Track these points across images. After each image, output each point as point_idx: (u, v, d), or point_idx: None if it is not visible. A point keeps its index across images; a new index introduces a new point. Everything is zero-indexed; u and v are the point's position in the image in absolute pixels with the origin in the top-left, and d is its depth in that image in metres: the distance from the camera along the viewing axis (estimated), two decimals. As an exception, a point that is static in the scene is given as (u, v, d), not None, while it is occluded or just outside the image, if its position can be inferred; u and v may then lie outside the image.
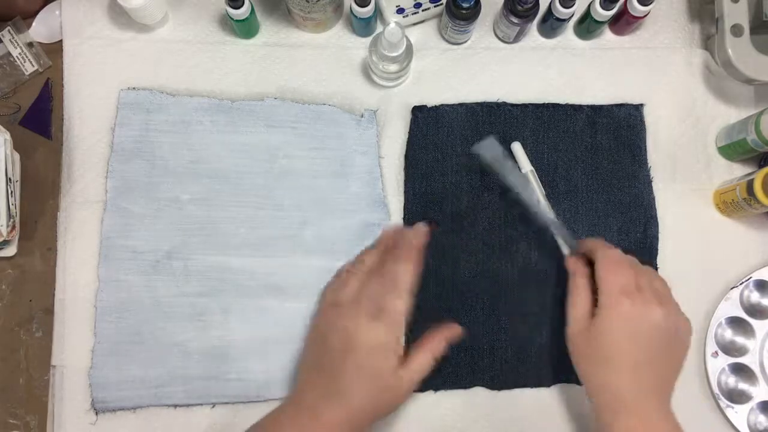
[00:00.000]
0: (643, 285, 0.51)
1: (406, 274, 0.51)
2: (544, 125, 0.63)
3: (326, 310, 0.52)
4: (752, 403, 0.59)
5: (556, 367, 0.59)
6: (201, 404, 0.57)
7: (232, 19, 0.59)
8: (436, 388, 0.58)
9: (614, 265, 0.52)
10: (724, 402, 0.59)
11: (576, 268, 0.55)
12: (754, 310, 0.60)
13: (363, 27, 0.63)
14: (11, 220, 0.57)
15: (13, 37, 0.63)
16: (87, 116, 0.61)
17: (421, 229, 0.54)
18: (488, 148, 0.57)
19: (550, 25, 0.63)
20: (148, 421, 0.57)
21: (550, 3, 0.61)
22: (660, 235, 0.62)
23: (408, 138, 0.62)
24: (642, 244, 0.61)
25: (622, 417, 0.49)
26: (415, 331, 0.55)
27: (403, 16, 0.62)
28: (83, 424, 0.56)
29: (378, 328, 0.49)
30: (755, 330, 0.60)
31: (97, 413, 0.56)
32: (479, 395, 0.59)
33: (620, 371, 0.50)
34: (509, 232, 0.61)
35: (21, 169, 0.61)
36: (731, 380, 0.59)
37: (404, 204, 0.61)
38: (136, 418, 0.57)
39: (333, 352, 0.49)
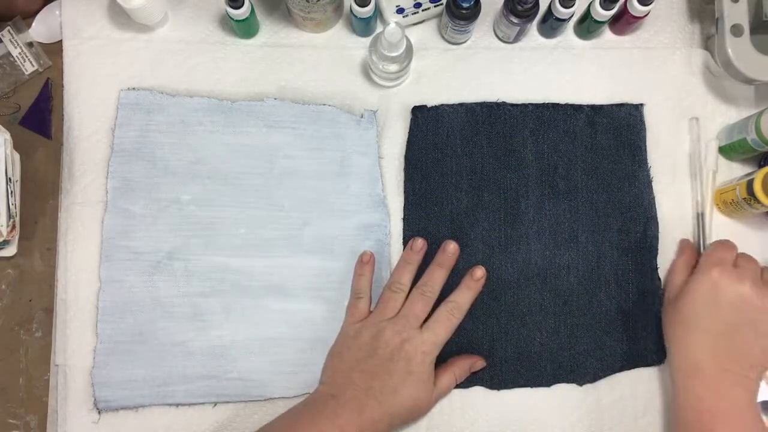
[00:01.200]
0: (742, 265, 0.54)
1: (467, 302, 0.57)
2: (544, 125, 0.63)
3: (371, 322, 0.56)
4: (751, 403, 0.59)
5: (556, 367, 0.59)
6: (202, 403, 0.57)
7: (232, 19, 0.59)
8: (436, 388, 0.59)
9: (720, 244, 0.56)
10: (723, 401, 0.59)
11: (685, 247, 0.59)
12: (754, 310, 0.60)
13: (363, 27, 0.62)
14: (11, 220, 0.57)
15: (13, 37, 0.63)
16: (87, 116, 0.61)
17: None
18: None
19: (550, 25, 0.63)
20: (150, 420, 0.57)
21: (550, 3, 0.61)
22: (660, 235, 0.62)
23: (408, 138, 0.62)
24: (642, 244, 0.61)
25: (694, 383, 0.52)
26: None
27: (403, 16, 0.62)
28: (86, 423, 0.56)
29: (427, 340, 0.54)
30: (755, 330, 0.60)
31: (99, 412, 0.57)
32: (479, 395, 0.59)
33: (696, 334, 0.53)
34: (509, 232, 0.61)
35: (21, 169, 0.61)
36: (730, 380, 0.59)
37: (404, 204, 0.61)
38: (138, 418, 0.57)
39: (381, 359, 0.53)
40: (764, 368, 0.53)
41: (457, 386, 0.58)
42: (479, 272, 0.58)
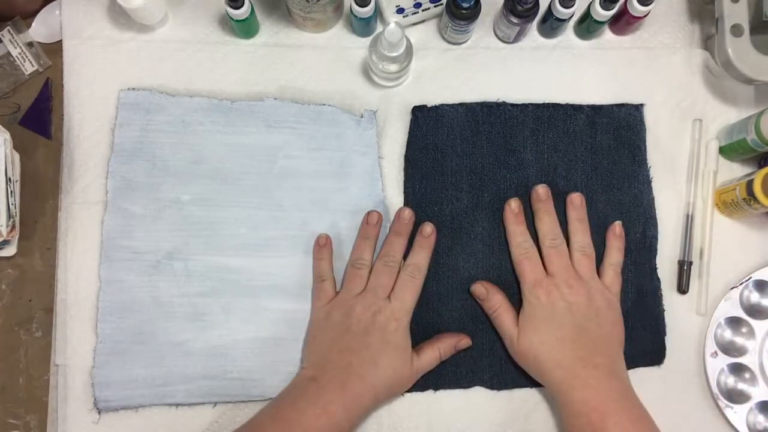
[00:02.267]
0: (553, 271, 0.57)
1: (424, 260, 0.57)
2: (544, 125, 0.63)
3: (340, 301, 0.56)
4: (751, 403, 0.59)
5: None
6: (202, 403, 0.57)
7: (232, 19, 0.59)
8: (436, 388, 0.59)
9: (525, 258, 0.58)
10: (723, 402, 0.59)
11: (487, 290, 0.58)
12: (754, 311, 0.60)
13: (363, 27, 0.62)
14: (11, 220, 0.57)
15: (13, 37, 0.63)
16: (87, 116, 0.61)
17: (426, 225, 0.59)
18: None
19: (550, 25, 0.63)
20: (150, 420, 0.57)
21: (550, 3, 0.61)
22: (659, 235, 0.62)
23: (408, 138, 0.62)
24: (641, 244, 0.61)
25: (573, 391, 0.53)
26: (415, 333, 0.56)
27: (403, 16, 0.62)
28: (86, 423, 0.57)
29: (396, 308, 0.55)
30: (755, 330, 0.60)
31: (99, 412, 0.57)
32: (479, 395, 0.59)
33: (553, 351, 0.54)
34: (509, 232, 0.61)
35: (21, 169, 0.61)
36: (730, 380, 0.60)
37: (404, 204, 0.61)
38: (138, 418, 0.57)
39: (356, 333, 0.54)
40: (621, 351, 0.56)
41: (457, 386, 0.59)
42: (428, 228, 0.58)
